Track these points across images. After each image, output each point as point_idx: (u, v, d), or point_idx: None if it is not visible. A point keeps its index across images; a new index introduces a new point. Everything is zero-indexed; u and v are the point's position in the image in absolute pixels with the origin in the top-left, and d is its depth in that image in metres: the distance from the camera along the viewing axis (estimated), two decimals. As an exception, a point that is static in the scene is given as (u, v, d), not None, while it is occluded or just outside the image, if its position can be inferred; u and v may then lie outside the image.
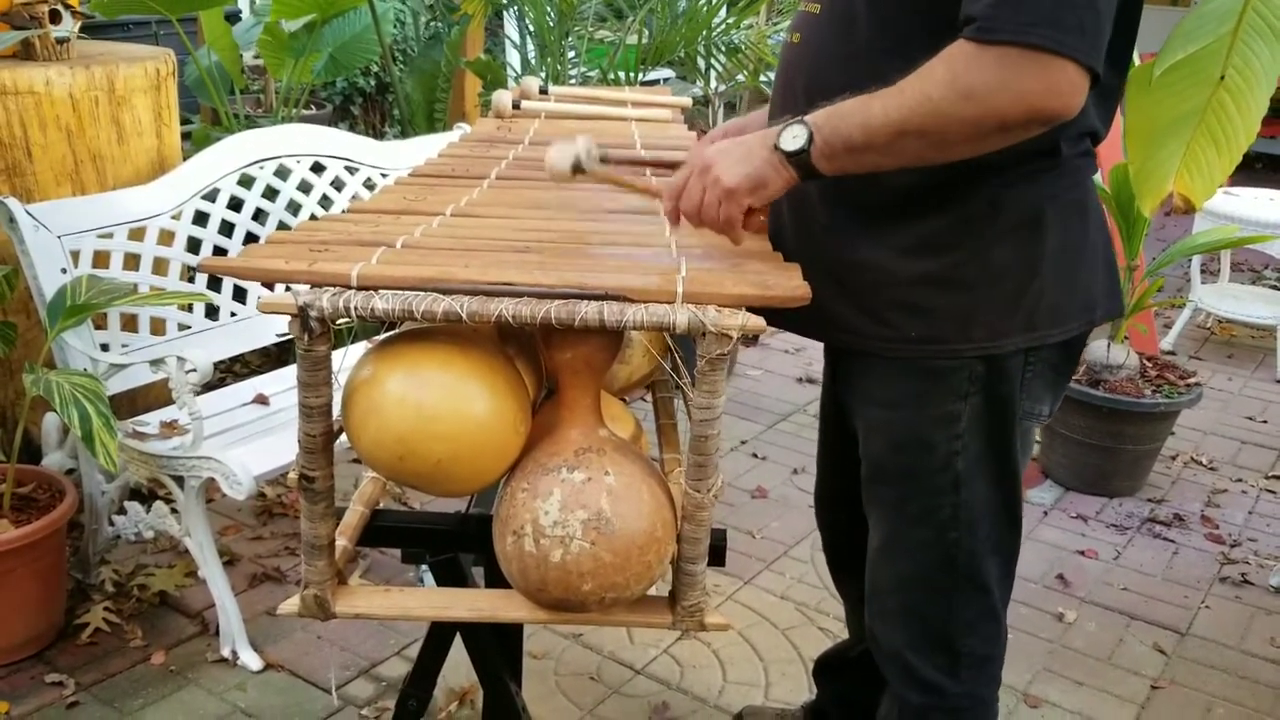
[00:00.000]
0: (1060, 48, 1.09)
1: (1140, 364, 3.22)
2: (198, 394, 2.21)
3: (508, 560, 1.19)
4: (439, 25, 4.89)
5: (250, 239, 2.68)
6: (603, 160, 1.36)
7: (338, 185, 2.93)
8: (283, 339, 2.67)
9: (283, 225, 2.78)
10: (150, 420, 2.41)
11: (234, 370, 3.39)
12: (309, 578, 1.24)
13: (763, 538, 2.88)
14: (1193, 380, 3.22)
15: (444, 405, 1.15)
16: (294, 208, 2.83)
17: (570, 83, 4.06)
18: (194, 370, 2.15)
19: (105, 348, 2.36)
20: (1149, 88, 1.68)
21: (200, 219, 2.61)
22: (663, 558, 1.20)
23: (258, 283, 2.28)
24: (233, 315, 2.62)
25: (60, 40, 2.62)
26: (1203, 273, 4.65)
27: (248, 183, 2.72)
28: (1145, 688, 2.36)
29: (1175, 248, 3.33)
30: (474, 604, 1.30)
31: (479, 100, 4.30)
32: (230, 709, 2.16)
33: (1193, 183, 1.71)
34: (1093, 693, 2.33)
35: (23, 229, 2.24)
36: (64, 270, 2.29)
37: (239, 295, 2.64)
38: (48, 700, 2.16)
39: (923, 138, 1.16)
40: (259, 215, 2.76)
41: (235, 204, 2.70)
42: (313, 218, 2.73)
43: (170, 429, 2.34)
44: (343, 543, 1.30)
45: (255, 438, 2.41)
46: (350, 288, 1.13)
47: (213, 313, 2.59)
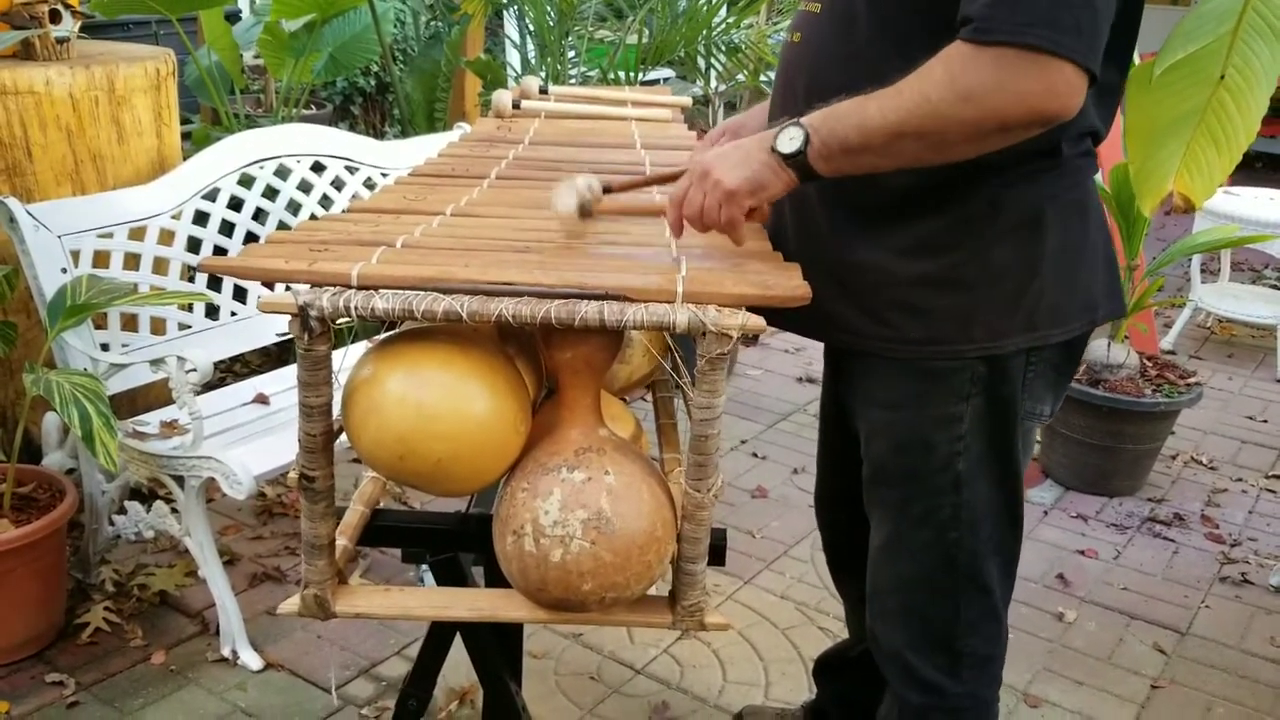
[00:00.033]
0: (1057, 48, 1.09)
1: (1140, 363, 3.22)
2: (198, 394, 2.21)
3: (508, 560, 1.19)
4: (439, 25, 4.90)
5: (250, 239, 2.68)
6: (606, 190, 1.36)
7: (338, 185, 2.93)
8: (283, 338, 2.67)
9: (283, 225, 2.78)
10: (150, 420, 2.41)
11: (234, 370, 3.39)
12: (309, 577, 1.24)
13: (763, 537, 2.88)
14: (1193, 380, 3.22)
15: (444, 405, 1.15)
16: (294, 207, 2.83)
17: (570, 82, 4.07)
18: (194, 370, 2.15)
19: (105, 347, 2.36)
20: (1149, 87, 1.68)
21: (200, 219, 2.61)
22: (663, 557, 1.20)
23: (258, 282, 2.32)
24: (233, 315, 2.63)
25: (60, 40, 2.62)
26: (1203, 272, 4.65)
27: (248, 182, 2.72)
28: (1145, 687, 2.36)
29: (1175, 247, 3.33)
30: (474, 604, 1.30)
31: (479, 100, 4.30)
32: (230, 708, 2.16)
33: (1193, 182, 1.71)
34: (1093, 692, 2.33)
35: (23, 229, 2.24)
36: (64, 270, 2.29)
37: (239, 295, 2.64)
38: (48, 700, 2.16)
39: (920, 139, 1.16)
40: (259, 215, 2.76)
41: (235, 204, 2.70)
42: (313, 217, 2.74)
43: (170, 429, 2.34)
44: (343, 542, 1.30)
45: (255, 437, 2.41)
46: (350, 287, 1.13)
47: (213, 312, 2.59)
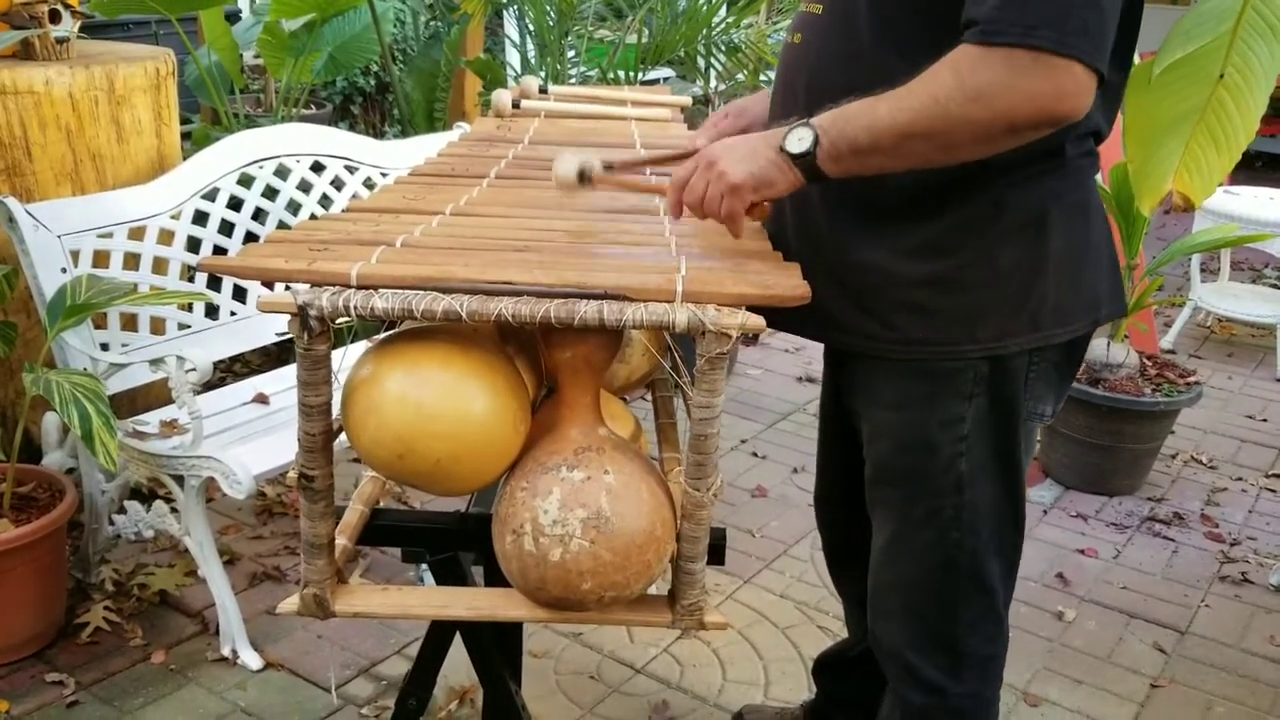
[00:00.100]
0: (1065, 49, 1.09)
1: (1140, 363, 3.22)
2: (197, 393, 2.21)
3: (507, 559, 1.19)
4: (439, 24, 4.90)
5: (250, 238, 2.68)
6: (608, 168, 1.36)
7: (337, 184, 2.93)
8: (282, 338, 2.67)
9: (283, 224, 2.78)
10: (150, 419, 2.41)
11: (234, 369, 3.38)
12: (309, 577, 1.24)
13: (762, 536, 2.88)
14: (1193, 379, 3.22)
15: (443, 404, 1.15)
16: (294, 207, 2.83)
17: (570, 82, 4.06)
18: (194, 369, 2.15)
19: (105, 347, 2.36)
20: (1148, 86, 1.68)
21: (200, 218, 2.61)
22: (662, 556, 1.20)
23: (257, 282, 2.32)
24: (233, 314, 2.63)
25: (60, 40, 2.62)
26: (1203, 271, 4.65)
27: (247, 182, 2.72)
28: (1145, 686, 2.36)
29: (1175, 246, 3.33)
30: (474, 603, 1.30)
31: (479, 99, 4.30)
32: (230, 708, 2.16)
33: (1192, 181, 1.71)
34: (1092, 691, 2.33)
35: (23, 228, 2.24)
36: (64, 270, 2.29)
37: (239, 295, 2.64)
38: (48, 699, 2.16)
39: (929, 140, 1.16)
40: (259, 215, 2.76)
41: (235, 203, 2.70)
42: (312, 217, 2.74)
43: (170, 428, 2.34)
44: (342, 542, 1.30)
45: (255, 437, 2.41)
46: (350, 287, 1.13)
47: (212, 312, 2.59)
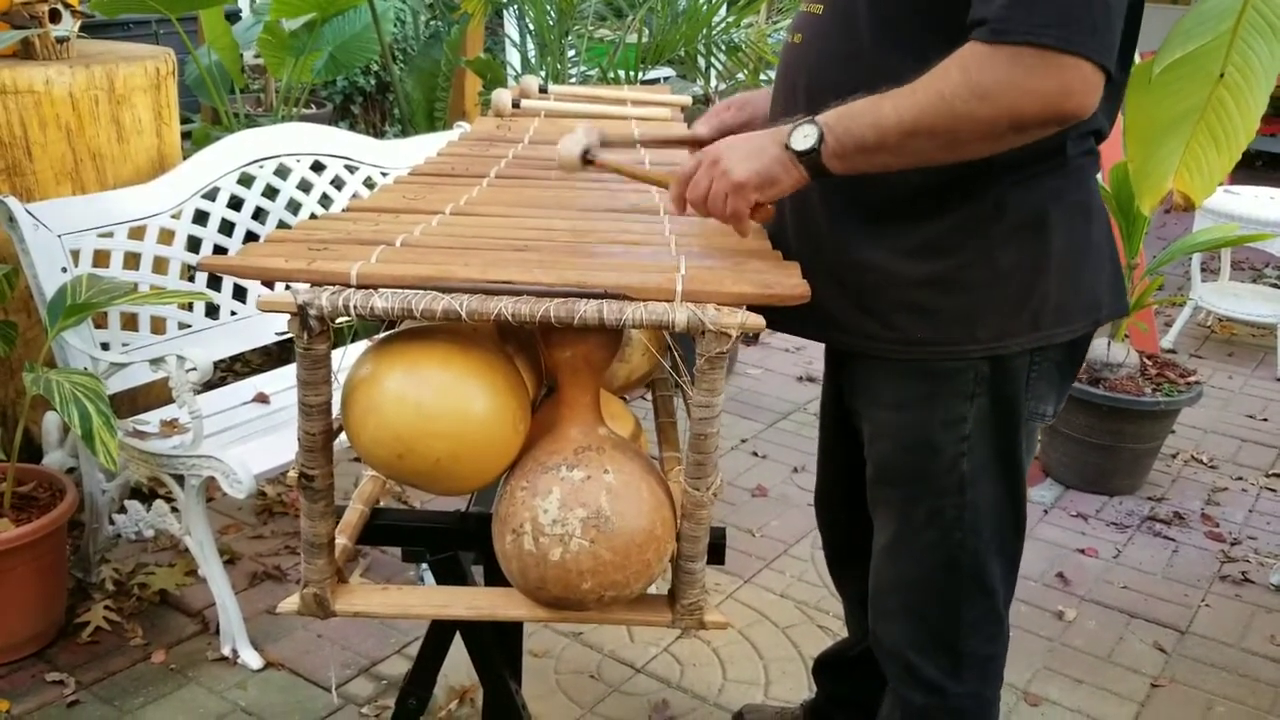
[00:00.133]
0: (1073, 47, 1.09)
1: (1141, 362, 3.21)
2: (198, 393, 2.22)
3: (507, 558, 1.19)
4: (439, 24, 4.90)
5: (250, 238, 2.68)
6: (603, 144, 1.37)
7: (338, 184, 2.93)
8: (283, 337, 2.67)
9: (283, 224, 2.78)
10: (150, 419, 2.41)
11: (234, 369, 3.39)
12: (309, 576, 1.24)
13: (763, 536, 2.88)
14: (1193, 379, 3.22)
15: (443, 403, 1.15)
16: (294, 207, 2.83)
17: (570, 81, 4.06)
18: (194, 369, 2.15)
19: (105, 346, 2.36)
20: (1148, 86, 1.68)
21: (200, 218, 2.61)
22: (662, 556, 1.20)
23: (258, 281, 2.32)
24: (233, 314, 2.63)
25: (60, 39, 2.62)
26: (1203, 271, 4.65)
27: (248, 182, 2.72)
28: (1145, 686, 2.36)
29: (1175, 246, 3.33)
30: (474, 602, 1.30)
31: (479, 99, 4.30)
32: (231, 707, 2.16)
33: (1192, 181, 1.70)
34: (1093, 691, 2.33)
35: (23, 228, 2.24)
36: (64, 269, 2.29)
37: (239, 294, 2.64)
38: (48, 699, 2.16)
39: (935, 138, 1.16)
40: (259, 214, 2.76)
41: (235, 203, 2.70)
42: (313, 216, 2.73)
43: (170, 428, 2.34)
44: (343, 541, 1.30)
45: (255, 436, 2.41)
46: (350, 286, 1.13)
47: (213, 311, 2.59)
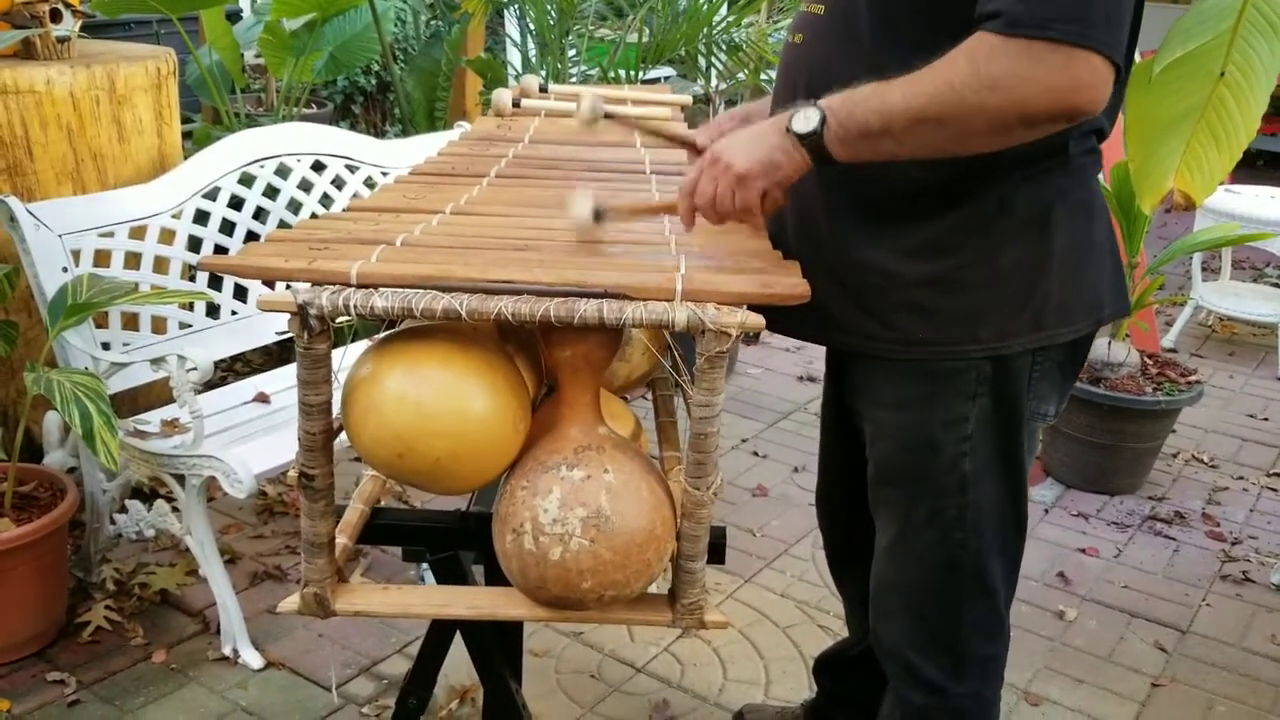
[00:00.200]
0: (1085, 41, 1.09)
1: (1141, 362, 3.21)
2: (199, 392, 2.22)
3: (507, 558, 1.19)
4: (439, 24, 4.90)
5: (251, 238, 2.68)
6: (606, 116, 1.39)
7: (338, 184, 2.93)
8: (283, 337, 2.67)
9: (283, 224, 2.78)
10: (151, 419, 2.41)
11: (235, 369, 3.39)
12: (309, 576, 1.24)
13: (763, 536, 2.88)
14: (1194, 378, 3.22)
15: (443, 403, 1.15)
16: (295, 206, 2.83)
17: (571, 81, 4.06)
18: (195, 369, 2.15)
19: (106, 346, 2.36)
20: (1148, 85, 1.67)
21: (201, 218, 2.62)
22: (662, 555, 1.20)
23: (258, 281, 2.32)
24: (234, 314, 2.63)
25: (61, 39, 2.62)
26: (1204, 270, 4.65)
27: (248, 181, 2.72)
28: (1146, 685, 2.36)
29: (1176, 245, 3.33)
30: (474, 602, 1.30)
31: (479, 99, 4.30)
32: (231, 707, 2.16)
33: (1193, 180, 1.70)
34: (1093, 690, 2.33)
35: (24, 228, 2.24)
36: (65, 269, 2.30)
37: (240, 294, 2.64)
38: (49, 698, 2.16)
39: (942, 127, 1.15)
40: (260, 214, 2.76)
41: (236, 203, 2.70)
42: (313, 216, 2.73)
43: (171, 427, 2.34)
44: (343, 541, 1.30)
45: (256, 436, 2.41)
46: (350, 285, 1.13)
47: (214, 311, 2.59)
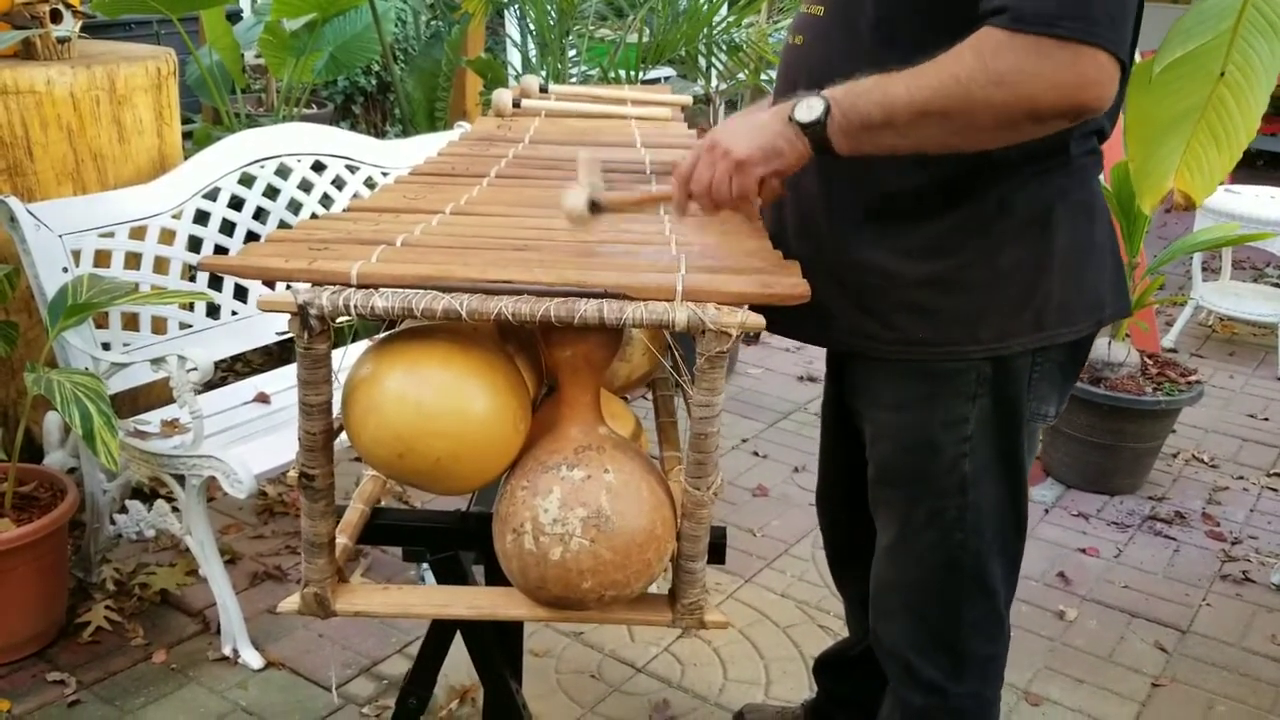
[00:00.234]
0: (1092, 38, 1.09)
1: (1141, 362, 3.21)
2: (199, 393, 2.22)
3: (507, 558, 1.19)
4: (440, 24, 4.90)
5: (251, 238, 2.68)
6: (593, 206, 1.32)
7: (339, 184, 2.93)
8: (283, 337, 2.67)
9: (284, 224, 2.78)
10: (151, 419, 2.41)
11: (235, 369, 3.39)
12: (309, 576, 1.24)
13: (763, 536, 2.88)
14: (1194, 378, 3.22)
15: (443, 403, 1.15)
16: (295, 206, 2.83)
17: (571, 81, 4.06)
18: (195, 369, 2.15)
19: (106, 346, 2.36)
20: (1148, 85, 1.68)
21: (201, 218, 2.62)
22: (662, 555, 1.20)
23: (258, 281, 2.32)
24: (234, 314, 2.63)
25: (61, 40, 2.62)
26: (1204, 270, 4.65)
27: (249, 182, 2.73)
28: (1146, 685, 2.36)
29: (1176, 245, 3.33)
30: (474, 602, 1.30)
31: (480, 99, 4.30)
32: (231, 707, 2.16)
33: (1193, 180, 1.70)
34: (1093, 690, 2.33)
35: (24, 228, 2.24)
36: (65, 269, 2.30)
37: (240, 294, 2.64)
38: (49, 699, 2.16)
39: (946, 121, 1.14)
40: (260, 214, 2.76)
41: (236, 203, 2.70)
42: (313, 216, 2.74)
43: (171, 428, 2.34)
44: (343, 541, 1.30)
45: (256, 436, 2.41)
46: (350, 286, 1.13)
47: (214, 311, 2.59)
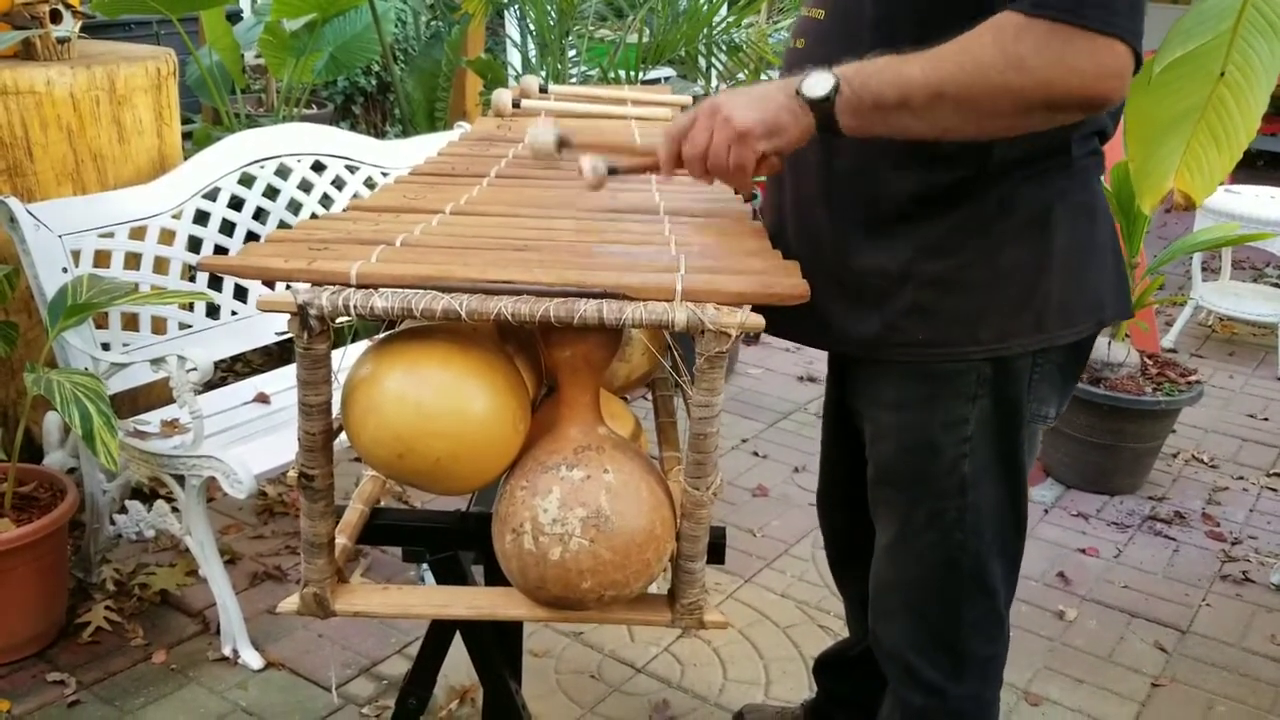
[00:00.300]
0: (1111, 28, 1.08)
1: (1141, 362, 3.21)
2: (198, 393, 2.22)
3: (507, 558, 1.19)
4: (440, 24, 4.90)
5: (251, 238, 2.68)
6: (612, 171, 1.34)
7: (338, 184, 2.93)
8: (283, 337, 2.67)
9: (284, 224, 2.78)
10: (151, 419, 2.41)
11: (235, 369, 3.39)
12: (309, 576, 1.24)
13: (763, 536, 2.88)
14: (1194, 378, 3.22)
15: (443, 403, 1.15)
16: (295, 207, 2.84)
17: (571, 81, 4.06)
18: (195, 369, 2.15)
19: (106, 347, 2.36)
20: (1148, 85, 1.68)
21: (201, 218, 2.62)
22: (662, 555, 1.20)
23: (258, 281, 2.32)
24: (234, 314, 2.63)
25: (61, 40, 2.63)
26: (1204, 270, 4.65)
27: (248, 182, 2.73)
28: (1146, 685, 2.36)
29: (1176, 245, 3.33)
30: (474, 602, 1.30)
31: (479, 99, 4.30)
32: (231, 707, 2.16)
33: (1193, 180, 1.70)
34: (1093, 690, 2.33)
35: (24, 228, 2.24)
36: (65, 269, 2.30)
37: (240, 294, 2.64)
38: (49, 699, 2.16)
39: (961, 104, 1.13)
40: (260, 214, 2.76)
41: (236, 203, 2.70)
42: (313, 216, 2.74)
43: (171, 428, 2.35)
44: (343, 541, 1.30)
45: (256, 436, 2.41)
46: (350, 286, 1.12)
47: (214, 312, 2.59)
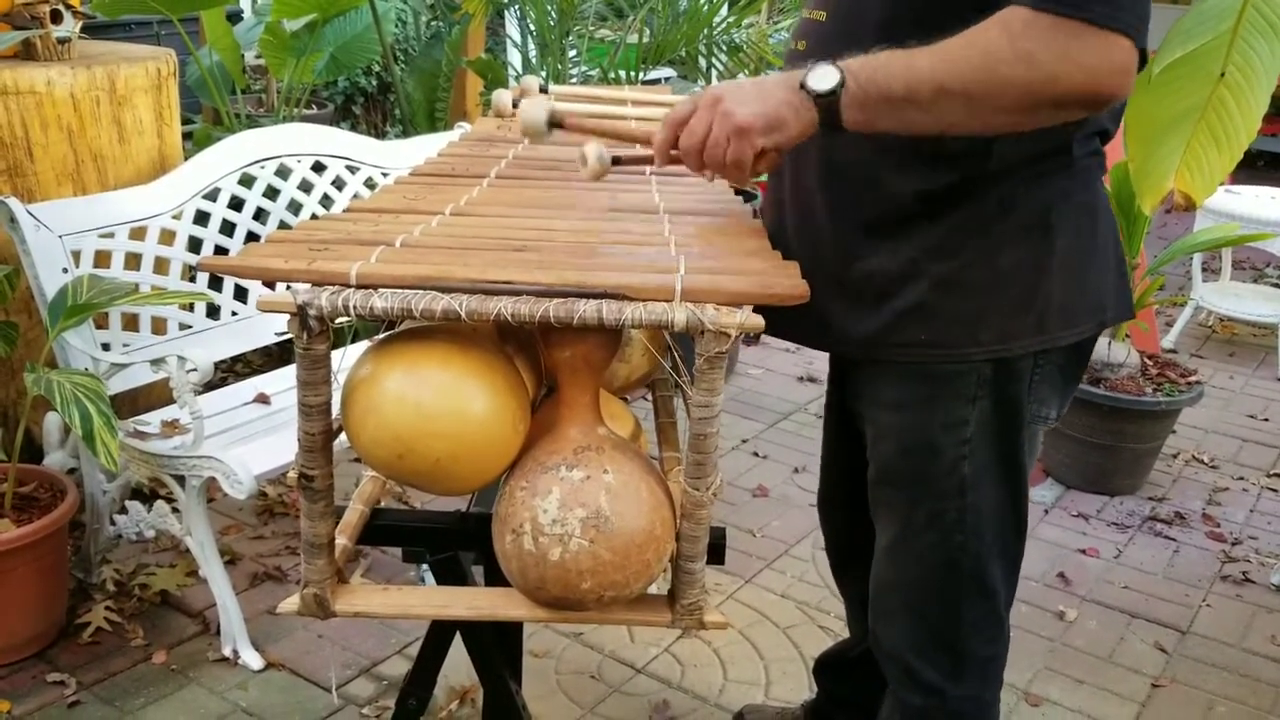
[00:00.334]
0: (1117, 24, 1.08)
1: (1141, 362, 3.21)
2: (199, 393, 2.22)
3: (507, 559, 1.19)
4: (440, 24, 4.90)
5: (251, 238, 2.68)
6: (615, 161, 1.34)
7: (339, 185, 2.93)
8: (283, 338, 2.67)
9: (284, 224, 2.78)
10: (151, 419, 2.41)
11: (235, 370, 3.39)
12: (309, 576, 1.24)
13: (763, 536, 2.88)
14: (1194, 378, 3.22)
15: (443, 404, 1.15)
16: (295, 207, 2.84)
17: (571, 82, 4.06)
18: (195, 370, 2.15)
19: (106, 347, 2.36)
20: (1149, 85, 1.68)
21: (201, 218, 2.62)
22: (661, 556, 1.20)
23: (258, 282, 2.32)
24: (234, 315, 2.63)
25: (61, 40, 2.63)
26: (1204, 271, 4.65)
27: (249, 182, 2.73)
28: (1146, 686, 2.36)
29: (1176, 246, 3.33)
30: (474, 602, 1.30)
31: (480, 99, 4.31)
32: (231, 708, 2.16)
33: (1193, 180, 1.70)
34: (1093, 691, 2.33)
35: (24, 229, 2.24)
36: (65, 270, 2.30)
37: (240, 295, 2.64)
38: (49, 699, 2.16)
39: (968, 99, 1.13)
40: (260, 215, 2.76)
41: (236, 203, 2.70)
42: (313, 217, 2.74)
43: (171, 428, 2.35)
44: (343, 541, 1.30)
45: (256, 437, 2.41)
46: (349, 286, 1.12)
47: (214, 312, 2.59)
